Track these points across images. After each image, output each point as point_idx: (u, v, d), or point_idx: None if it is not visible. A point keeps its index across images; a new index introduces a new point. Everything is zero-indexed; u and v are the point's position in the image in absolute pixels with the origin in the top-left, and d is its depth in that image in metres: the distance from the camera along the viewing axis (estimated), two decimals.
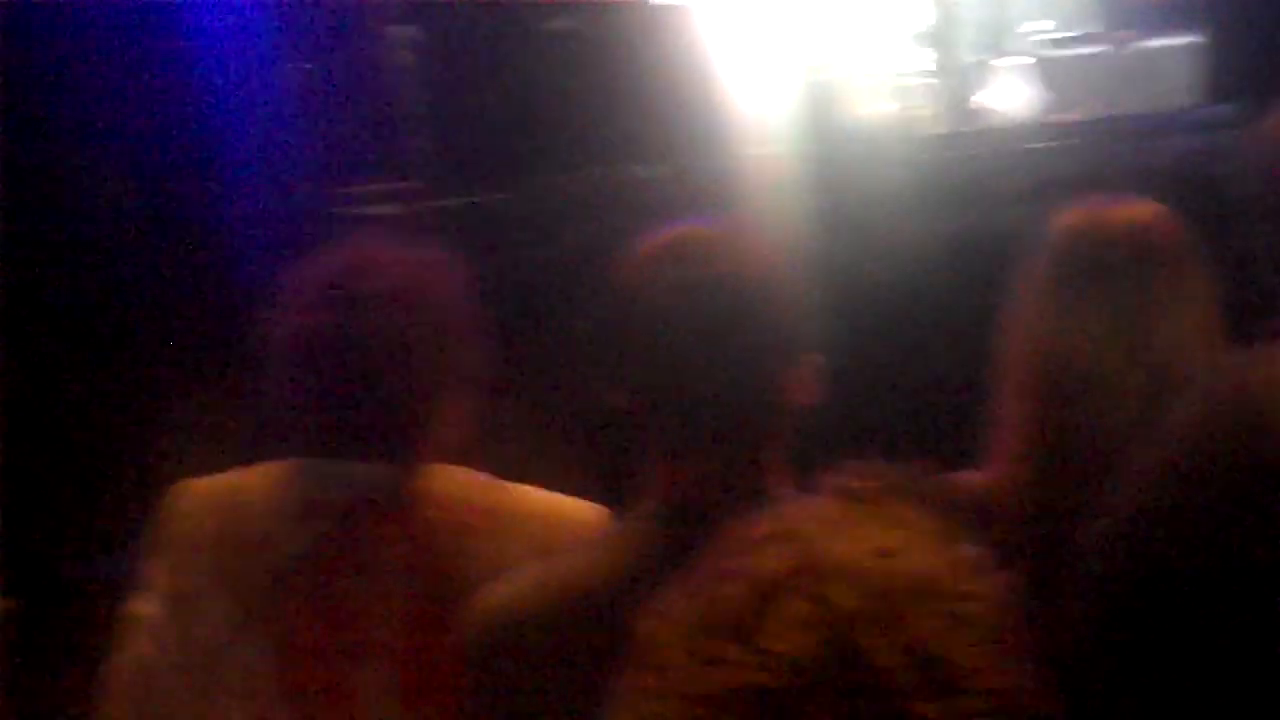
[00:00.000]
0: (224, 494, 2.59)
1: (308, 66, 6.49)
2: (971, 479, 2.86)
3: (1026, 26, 7.55)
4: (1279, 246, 2.22)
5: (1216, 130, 5.66)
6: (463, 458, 2.62)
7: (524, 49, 6.66)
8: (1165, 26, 6.95)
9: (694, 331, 2.09)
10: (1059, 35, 7.26)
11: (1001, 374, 2.89)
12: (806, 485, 1.31)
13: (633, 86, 6.44)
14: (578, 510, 2.54)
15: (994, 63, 6.92)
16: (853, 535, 1.16)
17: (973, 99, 6.91)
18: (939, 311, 5.00)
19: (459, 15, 6.80)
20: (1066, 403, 2.73)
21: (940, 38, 7.66)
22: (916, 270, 5.25)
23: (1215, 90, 6.24)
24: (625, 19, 7.23)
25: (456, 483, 2.57)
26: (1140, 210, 2.83)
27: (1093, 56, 6.89)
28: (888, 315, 5.14)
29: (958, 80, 7.24)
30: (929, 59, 7.57)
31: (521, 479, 2.63)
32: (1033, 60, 6.82)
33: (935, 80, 7.23)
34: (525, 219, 5.91)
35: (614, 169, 6.21)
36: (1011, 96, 6.78)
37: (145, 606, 2.56)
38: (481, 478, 2.60)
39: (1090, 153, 5.94)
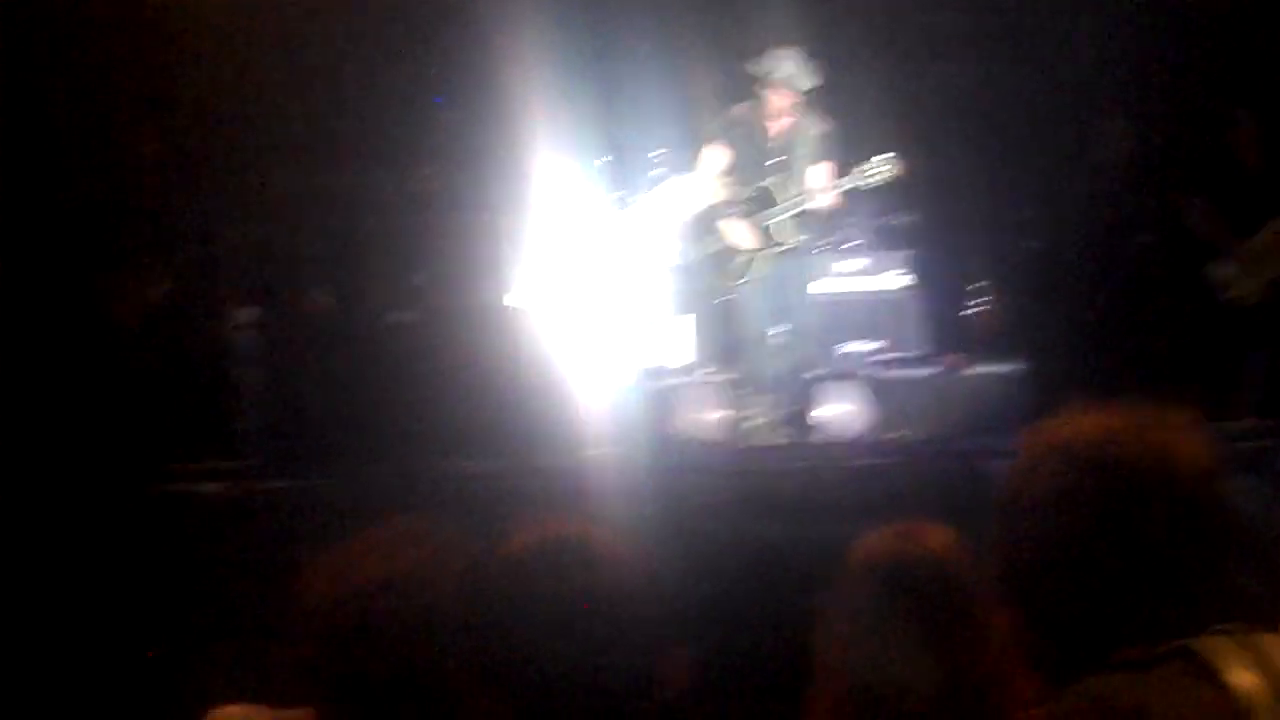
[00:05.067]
0: None
1: None
2: None
3: (857, 345, 7.82)
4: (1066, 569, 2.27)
5: None
6: None
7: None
8: (990, 353, 7.22)
9: (565, 630, 2.09)
10: (889, 355, 7.51)
11: (815, 688, 2.91)
12: None
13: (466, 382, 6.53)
14: None
15: (825, 379, 7.09)
16: None
17: (806, 412, 7.06)
18: (762, 617, 5.05)
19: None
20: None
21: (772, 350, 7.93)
22: (743, 576, 5.31)
23: (1038, 416, 6.44)
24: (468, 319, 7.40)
25: None
26: (937, 537, 2.90)
27: (920, 379, 7.11)
28: (717, 617, 5.17)
29: (791, 393, 7.45)
30: (764, 370, 7.81)
31: None
32: (863, 378, 7.00)
33: (768, 391, 7.43)
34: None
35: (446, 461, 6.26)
36: (842, 412, 6.94)
37: None
38: None
39: (914, 472, 6.08)
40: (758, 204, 7.76)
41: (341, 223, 9.03)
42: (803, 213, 7.73)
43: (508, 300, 8.74)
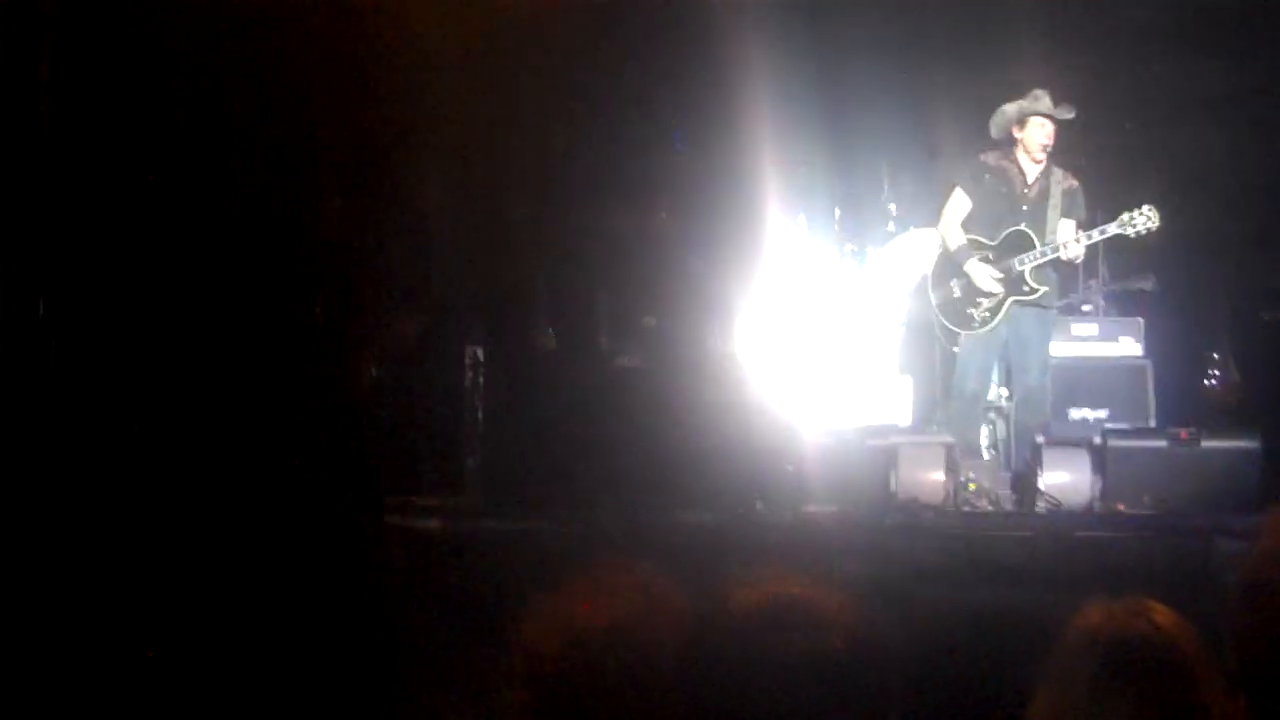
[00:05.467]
0: None
1: None
2: None
3: (1086, 412, 7.67)
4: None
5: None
6: None
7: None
8: (1224, 428, 7.03)
9: (792, 680, 2.08)
10: (1117, 426, 7.36)
11: None
12: None
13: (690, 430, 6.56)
14: None
15: (1054, 445, 6.97)
16: None
17: (1032, 478, 6.95)
18: (975, 684, 4.97)
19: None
20: None
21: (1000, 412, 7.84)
22: (958, 642, 5.24)
23: (1273, 495, 6.27)
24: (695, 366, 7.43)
25: None
26: (1165, 615, 2.82)
27: (1151, 450, 6.95)
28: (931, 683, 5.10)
29: (1013, 458, 7.36)
30: (985, 432, 7.72)
31: None
32: (1092, 446, 6.87)
33: (994, 454, 7.34)
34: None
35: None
36: (1068, 480, 6.81)
37: None
38: None
39: (1139, 546, 5.94)
40: (1009, 249, 7.70)
41: (573, 263, 9.14)
42: (1052, 262, 7.66)
43: (735, 349, 8.76)
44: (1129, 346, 8.13)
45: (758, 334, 8.82)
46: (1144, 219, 7.49)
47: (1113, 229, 7.54)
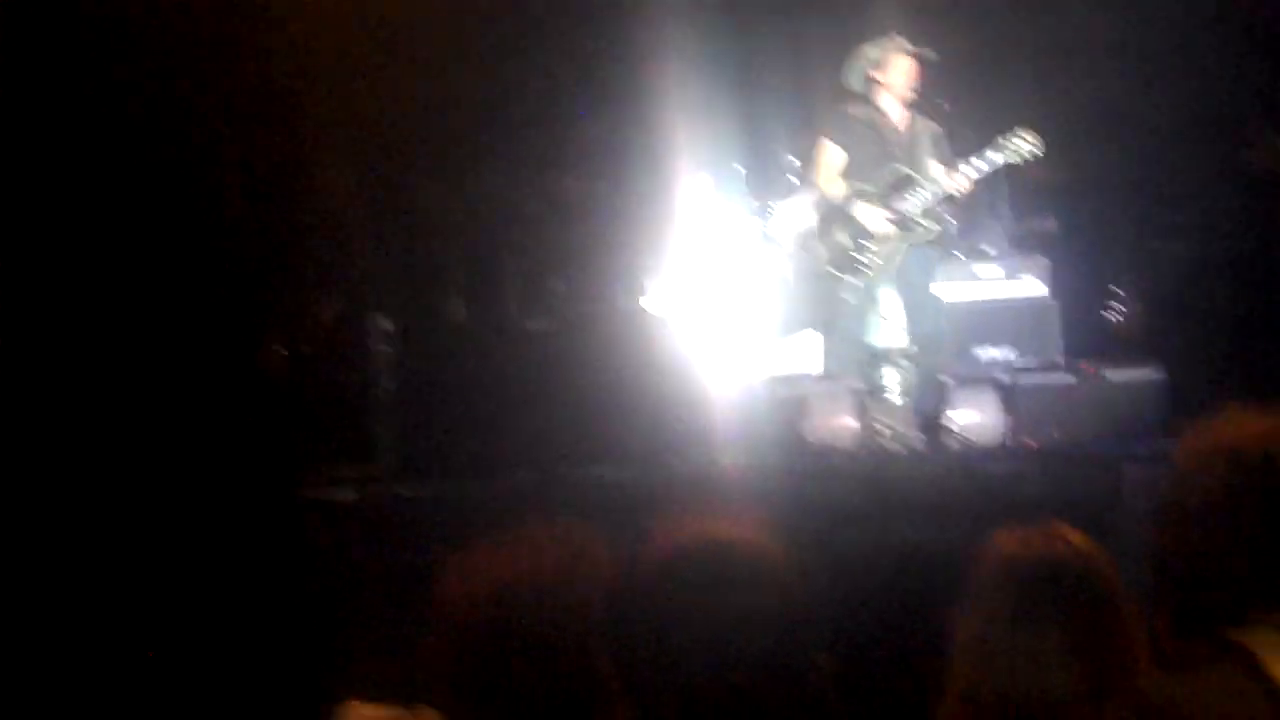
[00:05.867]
0: None
1: None
2: None
3: (993, 352, 7.75)
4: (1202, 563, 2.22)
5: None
6: None
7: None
8: (1128, 361, 7.13)
9: (718, 627, 2.07)
10: (1024, 364, 7.44)
11: (951, 689, 2.88)
12: None
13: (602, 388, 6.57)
14: None
15: (961, 385, 7.04)
16: None
17: (940, 419, 7.01)
18: (895, 620, 5.02)
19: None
20: None
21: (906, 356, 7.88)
22: (876, 581, 5.29)
23: (1175, 423, 6.36)
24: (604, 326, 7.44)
25: None
26: (1080, 538, 2.86)
27: (1058, 385, 7.03)
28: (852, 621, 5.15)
29: (925, 399, 7.41)
30: (891, 377, 7.77)
31: None
32: (999, 384, 6.94)
33: (902, 397, 7.39)
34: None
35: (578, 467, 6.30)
36: (977, 419, 6.88)
37: None
38: None
39: (1048, 477, 6.01)
40: (895, 191, 7.73)
41: (480, 231, 9.12)
42: (943, 201, 7.70)
43: (644, 308, 8.78)
44: (1034, 286, 8.20)
45: (666, 292, 8.84)
46: (1023, 142, 7.51)
47: (995, 155, 7.55)
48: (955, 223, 8.81)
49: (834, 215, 7.90)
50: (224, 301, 7.30)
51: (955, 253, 8.55)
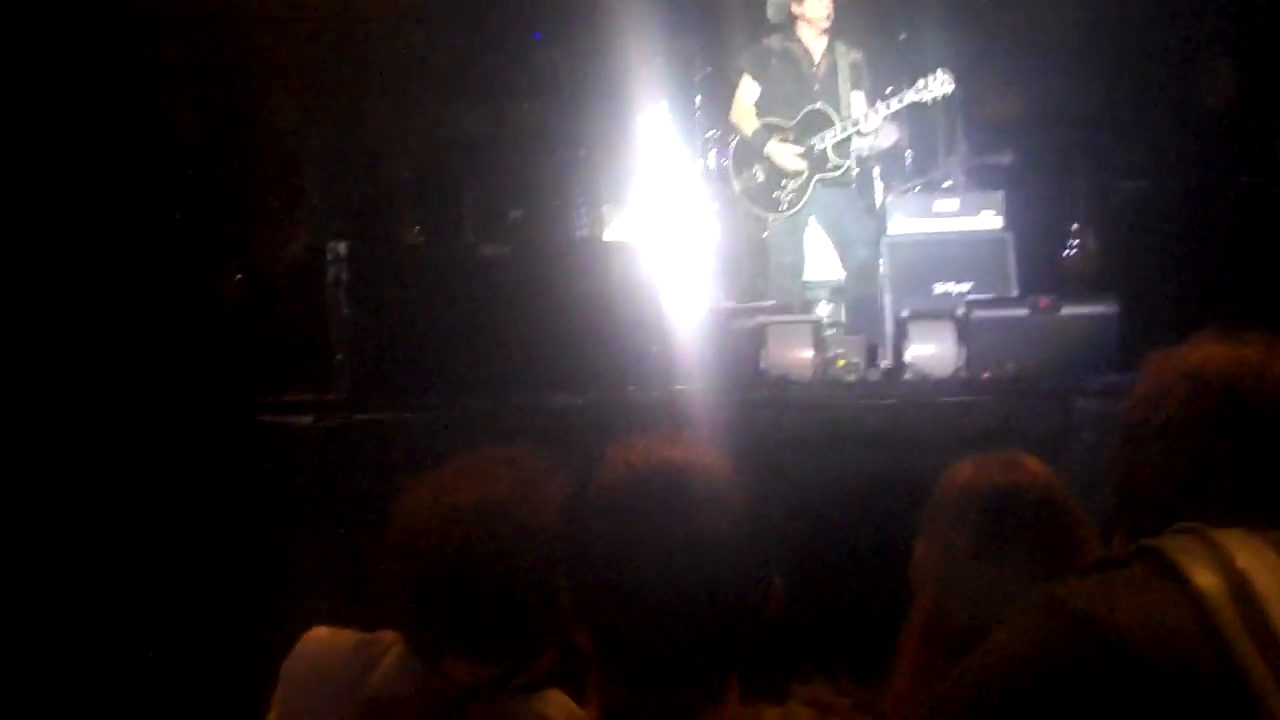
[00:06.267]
0: (337, 651, 2.64)
1: None
2: None
3: (949, 286, 7.79)
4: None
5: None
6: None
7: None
8: (1083, 295, 7.17)
9: (673, 551, 2.08)
10: (979, 296, 7.48)
11: (911, 616, 2.91)
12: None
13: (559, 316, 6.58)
14: None
15: (916, 318, 7.07)
16: None
17: (897, 352, 7.06)
18: (851, 546, 5.08)
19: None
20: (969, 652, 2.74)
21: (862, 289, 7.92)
22: (831, 509, 5.34)
23: (1128, 357, 6.41)
24: (560, 253, 7.41)
25: (557, 706, 2.56)
26: (1037, 466, 2.89)
27: (1012, 319, 7.07)
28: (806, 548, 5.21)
29: (879, 331, 7.46)
30: (824, 308, 7.81)
31: None
32: (954, 318, 6.98)
33: (833, 332, 7.44)
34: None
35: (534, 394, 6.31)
36: (932, 352, 6.91)
37: None
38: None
39: (1004, 408, 6.06)
40: (808, 128, 7.75)
41: (437, 157, 9.08)
42: (854, 138, 7.72)
43: (604, 235, 8.78)
44: (990, 220, 8.23)
45: (624, 220, 8.84)
46: (938, 84, 7.54)
47: (909, 95, 7.59)
48: (911, 154, 8.85)
49: (749, 151, 7.92)
50: (180, 228, 7.27)
51: (912, 186, 8.57)
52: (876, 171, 8.96)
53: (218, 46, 8.19)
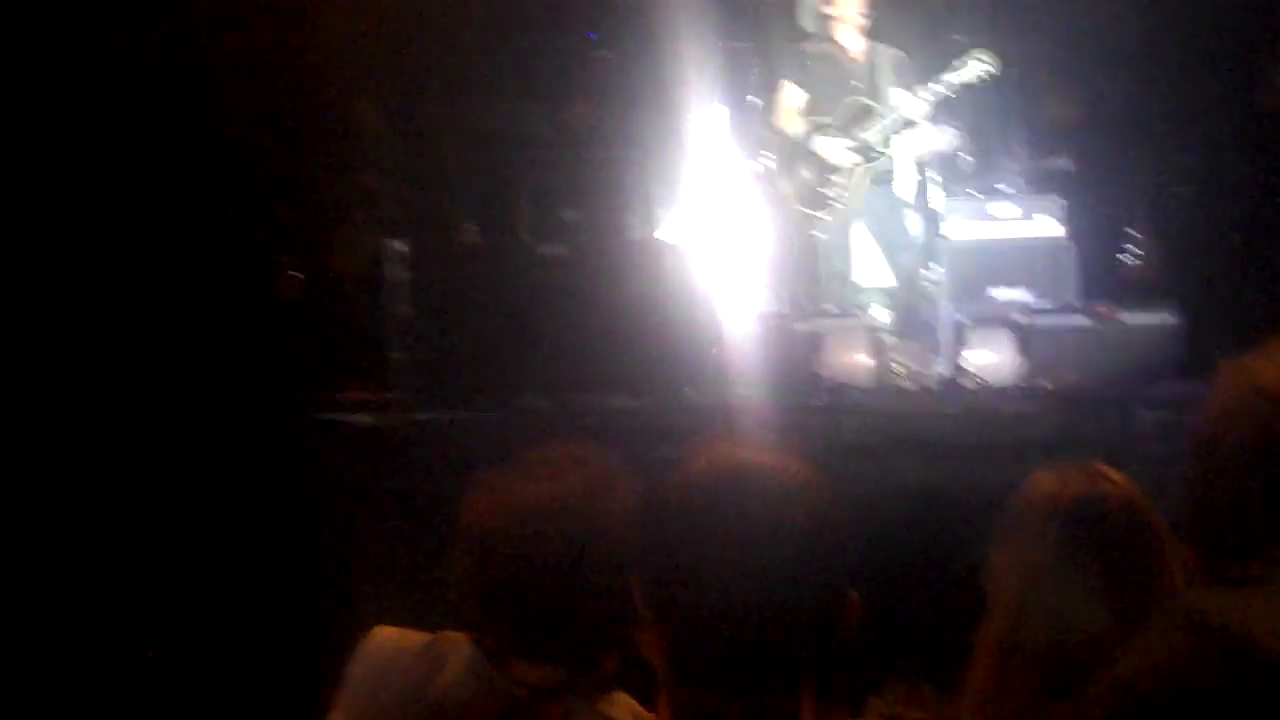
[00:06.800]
0: (404, 652, 2.62)
1: None
2: None
3: (1008, 293, 7.75)
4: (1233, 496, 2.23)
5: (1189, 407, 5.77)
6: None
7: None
8: (1144, 303, 7.13)
9: (748, 551, 2.06)
10: (1039, 304, 7.44)
11: (984, 636, 2.88)
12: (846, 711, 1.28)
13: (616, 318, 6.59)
14: None
15: (976, 325, 7.05)
16: None
17: (955, 359, 7.03)
18: (916, 557, 5.05)
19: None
20: (1049, 666, 2.72)
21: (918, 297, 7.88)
22: (898, 513, 5.32)
23: (1190, 367, 6.38)
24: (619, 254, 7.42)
25: (624, 708, 2.54)
26: (1119, 477, 2.86)
27: (1072, 327, 7.04)
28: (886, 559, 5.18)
29: (940, 338, 7.42)
30: (879, 313, 7.77)
31: None
32: (1014, 325, 6.95)
33: (917, 335, 7.40)
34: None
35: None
36: (991, 359, 6.89)
37: None
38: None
39: (1066, 419, 6.04)
40: (853, 121, 7.72)
41: (494, 157, 9.09)
42: (905, 133, 7.68)
43: (660, 237, 8.76)
44: (1049, 225, 8.19)
45: (681, 222, 8.82)
46: (978, 64, 7.45)
47: (951, 78, 7.50)
48: (971, 160, 8.80)
49: (797, 152, 7.90)
50: (240, 226, 7.29)
51: (970, 191, 8.52)
52: (932, 175, 8.90)
53: (279, 42, 8.23)
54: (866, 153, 7.70)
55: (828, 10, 7.81)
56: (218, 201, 7.32)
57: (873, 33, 7.83)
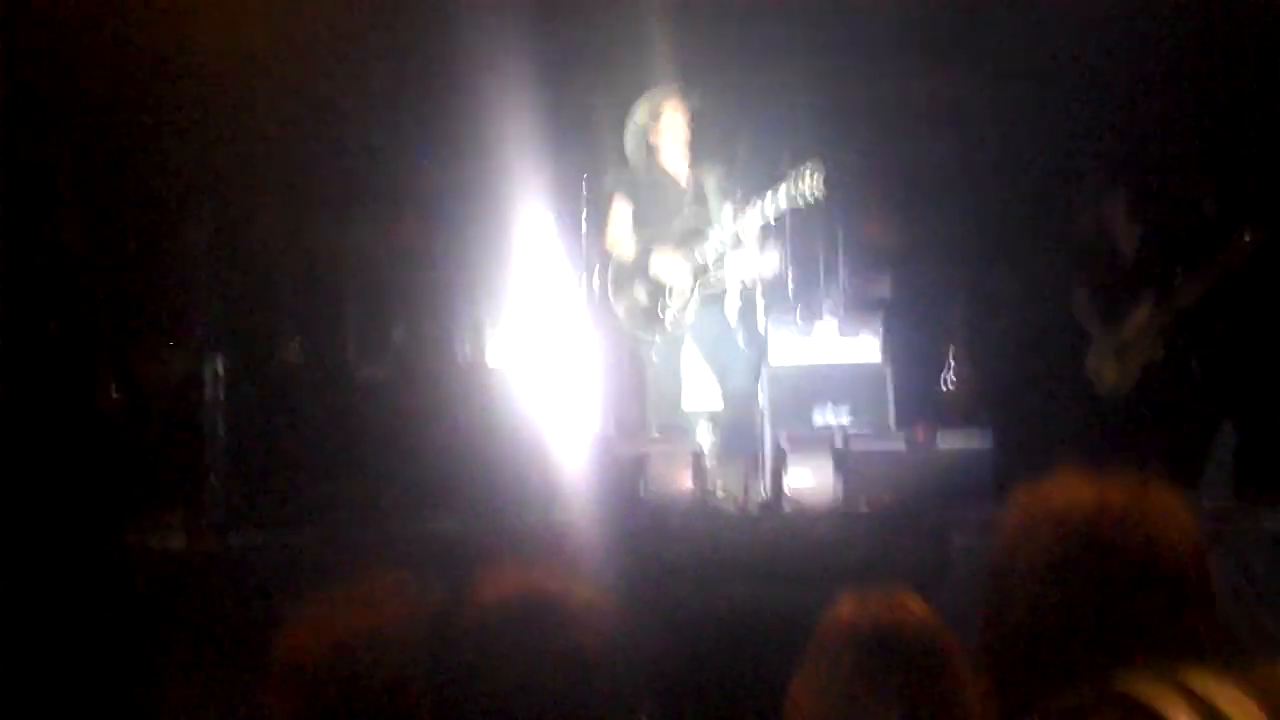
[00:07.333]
0: None
1: None
2: None
3: (827, 415, 7.84)
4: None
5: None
6: None
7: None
8: (960, 427, 7.25)
9: (539, 680, 2.05)
10: (857, 429, 7.54)
11: None
12: None
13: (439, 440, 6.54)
14: None
15: (794, 448, 7.11)
16: None
17: (774, 481, 7.08)
18: (729, 680, 5.06)
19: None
20: None
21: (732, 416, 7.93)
22: (711, 641, 5.32)
23: (1004, 490, 6.48)
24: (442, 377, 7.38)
25: None
26: (919, 607, 2.88)
27: (889, 451, 7.13)
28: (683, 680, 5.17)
29: (758, 461, 7.48)
30: (705, 439, 7.80)
31: None
32: (832, 449, 7.02)
33: (735, 458, 7.44)
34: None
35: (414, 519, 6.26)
36: (810, 482, 6.95)
37: None
38: None
39: (882, 543, 6.09)
40: (686, 242, 7.76)
41: (318, 276, 9.03)
42: (735, 254, 7.72)
43: (482, 360, 8.74)
44: (869, 346, 8.32)
45: (508, 342, 8.82)
46: (808, 179, 7.42)
47: (782, 195, 7.48)
48: (793, 284, 8.91)
49: (629, 273, 7.89)
50: (53, 340, 7.15)
51: (793, 315, 8.62)
52: (759, 299, 8.98)
53: (103, 148, 8.13)
54: (699, 273, 7.74)
55: (652, 140, 7.88)
56: (37, 314, 7.18)
57: (697, 155, 7.90)
